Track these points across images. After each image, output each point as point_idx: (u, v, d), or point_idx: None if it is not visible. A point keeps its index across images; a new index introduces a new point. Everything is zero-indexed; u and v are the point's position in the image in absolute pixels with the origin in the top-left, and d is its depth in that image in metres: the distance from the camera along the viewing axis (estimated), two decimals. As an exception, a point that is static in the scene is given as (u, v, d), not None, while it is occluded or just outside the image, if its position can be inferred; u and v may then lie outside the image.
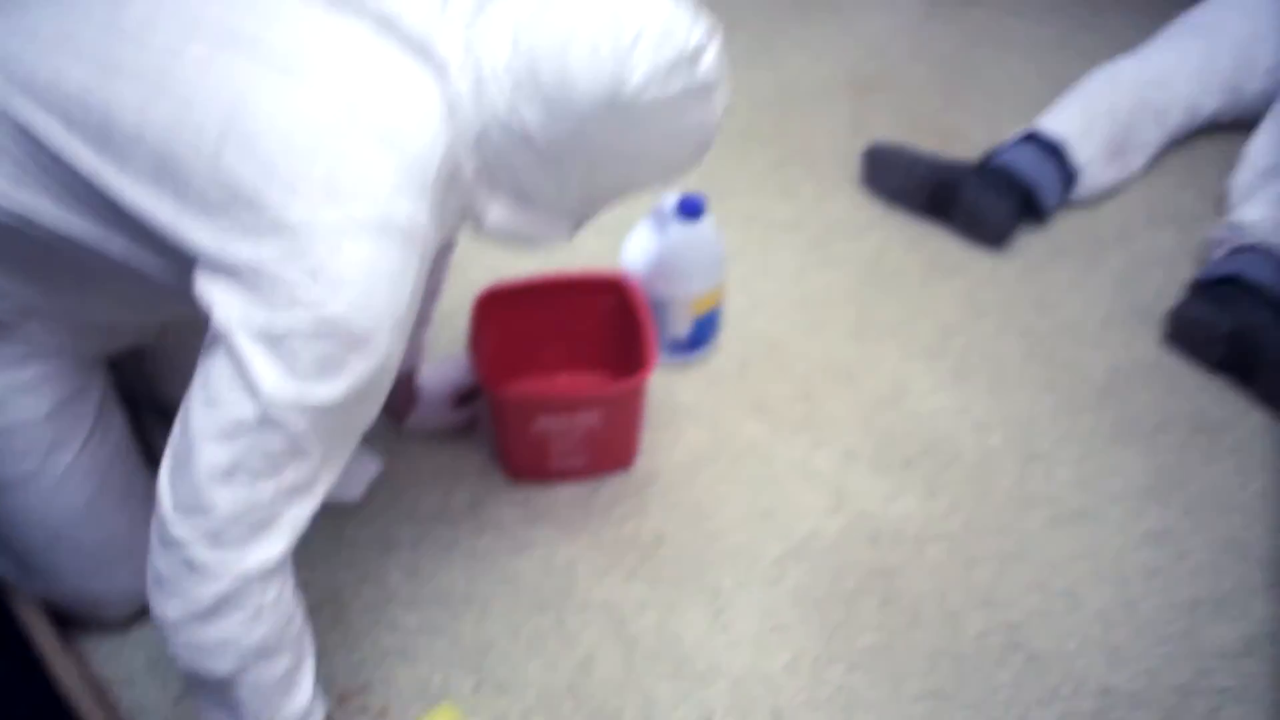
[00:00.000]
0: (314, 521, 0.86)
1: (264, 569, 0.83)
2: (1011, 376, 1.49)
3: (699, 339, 1.45)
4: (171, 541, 0.82)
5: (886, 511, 1.31)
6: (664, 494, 1.32)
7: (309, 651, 0.92)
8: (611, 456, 1.32)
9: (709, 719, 1.11)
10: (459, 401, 1.37)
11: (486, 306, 1.30)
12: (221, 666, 0.85)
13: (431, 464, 1.35)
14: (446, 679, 1.14)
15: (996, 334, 1.55)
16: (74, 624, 1.15)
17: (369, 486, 1.30)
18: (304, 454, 0.81)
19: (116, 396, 1.11)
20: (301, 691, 0.91)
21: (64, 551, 1.05)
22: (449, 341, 1.40)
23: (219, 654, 0.84)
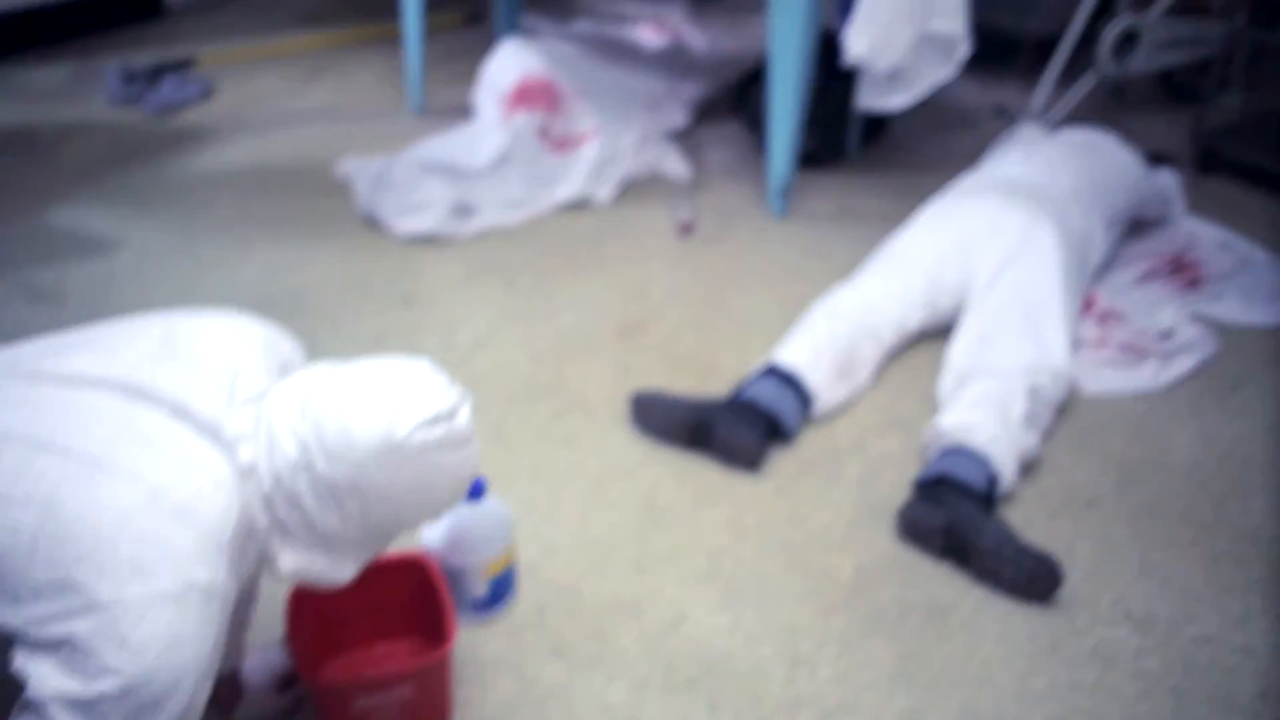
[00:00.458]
0: None
1: None
2: (774, 589, 1.70)
3: (497, 596, 1.61)
4: None
5: (676, 733, 1.47)
6: (477, 750, 1.45)
7: None
8: (429, 718, 1.45)
9: None
10: (283, 686, 1.47)
11: (301, 596, 1.43)
12: None
13: (257, 754, 1.43)
14: None
15: (759, 551, 1.77)
16: None
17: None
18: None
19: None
20: None
21: None
22: (270, 618, 1.46)
23: None
